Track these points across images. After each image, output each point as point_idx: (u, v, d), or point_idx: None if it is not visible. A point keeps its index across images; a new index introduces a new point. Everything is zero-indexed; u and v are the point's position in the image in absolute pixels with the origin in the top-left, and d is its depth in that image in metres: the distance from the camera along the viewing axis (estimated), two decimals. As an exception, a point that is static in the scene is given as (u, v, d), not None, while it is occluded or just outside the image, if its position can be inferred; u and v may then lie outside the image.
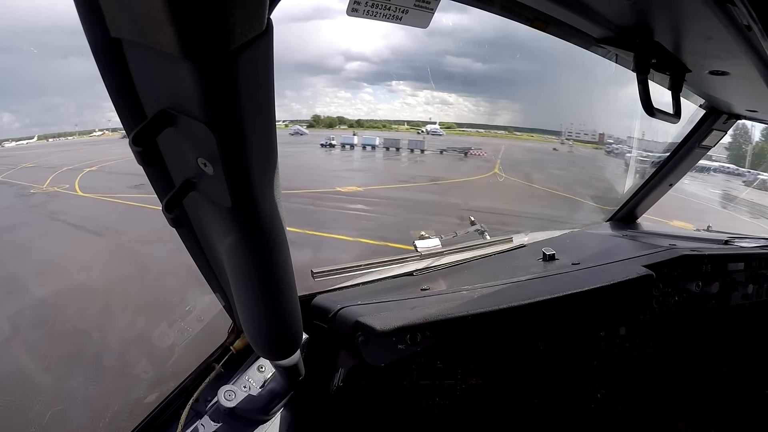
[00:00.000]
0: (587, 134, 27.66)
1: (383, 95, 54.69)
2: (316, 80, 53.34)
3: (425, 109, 19.53)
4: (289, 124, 37.29)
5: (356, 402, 1.35)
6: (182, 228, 0.87)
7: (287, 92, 50.67)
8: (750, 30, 0.96)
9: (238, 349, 1.29)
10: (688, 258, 1.80)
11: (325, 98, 50.40)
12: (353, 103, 49.77)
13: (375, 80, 52.57)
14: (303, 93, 50.74)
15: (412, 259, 1.85)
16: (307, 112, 45.11)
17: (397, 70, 48.40)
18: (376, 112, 48.36)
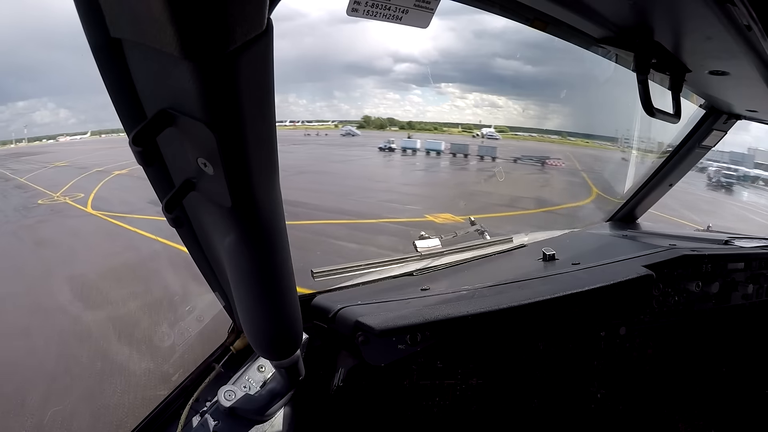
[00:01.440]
0: (644, 141, 26.53)
1: (432, 97, 54.44)
2: (364, 81, 53.29)
3: (474, 111, 18.75)
4: (339, 124, 37.10)
5: (356, 402, 1.35)
6: (182, 228, 0.87)
7: (336, 93, 50.68)
8: (750, 30, 0.96)
9: (238, 349, 1.29)
10: (688, 258, 1.80)
11: (373, 99, 50.35)
12: (402, 105, 49.65)
13: (424, 82, 52.40)
14: (352, 94, 50.74)
15: (412, 259, 1.85)
16: (356, 113, 45.05)
17: (446, 72, 48.25)
18: (425, 114, 47.93)
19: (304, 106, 64.12)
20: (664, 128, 1.63)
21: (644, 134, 8.09)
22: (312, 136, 35.89)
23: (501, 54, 39.26)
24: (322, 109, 57.44)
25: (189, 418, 1.15)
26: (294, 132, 42.18)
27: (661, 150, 2.46)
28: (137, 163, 0.60)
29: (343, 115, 47.25)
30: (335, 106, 48.94)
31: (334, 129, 36.24)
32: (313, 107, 62.59)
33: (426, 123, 36.87)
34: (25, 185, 15.77)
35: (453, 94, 47.28)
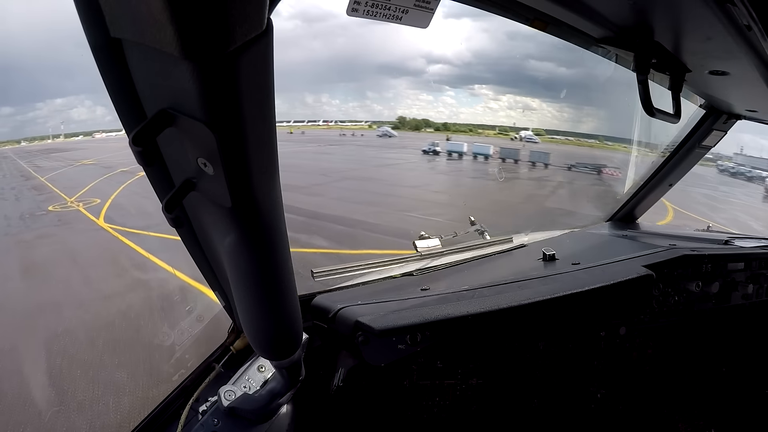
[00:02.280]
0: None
1: (465, 99, 54.31)
2: (397, 82, 53.14)
3: (508, 113, 18.27)
4: (373, 125, 36.83)
5: (356, 402, 1.35)
6: (182, 228, 0.87)
7: (369, 93, 50.57)
8: (750, 30, 0.96)
9: (238, 349, 1.29)
10: (688, 258, 1.80)
11: (406, 100, 50.24)
12: (435, 106, 49.56)
13: (457, 83, 52.14)
14: (385, 95, 50.68)
15: (412, 259, 1.85)
16: (389, 114, 44.89)
17: (479, 74, 47.85)
18: (458, 116, 47.60)
19: (337, 106, 63.81)
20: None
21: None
22: (347, 136, 35.53)
23: (535, 55, 38.88)
24: (354, 110, 57.30)
25: (189, 418, 1.15)
26: (328, 132, 41.92)
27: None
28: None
29: (375, 116, 47.00)
30: (368, 106, 48.79)
31: (368, 129, 36.05)
32: (345, 107, 62.35)
33: (461, 125, 36.56)
34: (43, 186, 15.21)
35: (486, 95, 47.00)
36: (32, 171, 19.11)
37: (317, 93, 58.40)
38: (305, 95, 62.99)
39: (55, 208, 11.78)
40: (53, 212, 11.41)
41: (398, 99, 50.34)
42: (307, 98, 62.84)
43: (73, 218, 10.83)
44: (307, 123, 48.49)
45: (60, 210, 11.67)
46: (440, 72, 55.07)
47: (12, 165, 22.76)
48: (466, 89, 53.45)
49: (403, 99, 50.61)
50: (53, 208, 11.78)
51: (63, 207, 12.00)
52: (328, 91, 61.50)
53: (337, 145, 29.41)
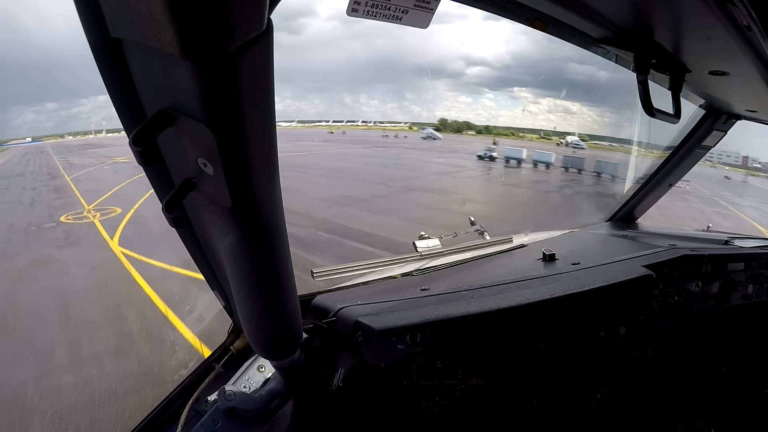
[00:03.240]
0: (729, 156, 22.56)
1: (504, 101, 54.09)
2: (436, 84, 53.10)
3: (547, 117, 17.31)
4: (413, 126, 36.37)
5: (356, 402, 1.35)
6: (182, 228, 0.87)
7: (407, 94, 50.38)
8: (750, 30, 0.96)
9: (238, 349, 1.29)
10: (688, 258, 1.80)
11: (445, 102, 50.02)
12: (474, 108, 49.29)
13: (496, 86, 51.73)
14: (423, 96, 50.54)
15: (412, 259, 1.85)
16: (427, 116, 44.65)
17: (519, 76, 47.46)
18: (497, 119, 47.16)
19: (375, 107, 63.45)
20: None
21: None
22: (390, 137, 35.30)
23: (575, 58, 38.73)
24: (393, 111, 56.96)
25: (189, 418, 1.15)
26: (368, 132, 41.61)
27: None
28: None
29: (414, 117, 46.61)
30: (406, 107, 48.61)
31: (408, 130, 35.71)
32: (384, 108, 62.05)
33: (502, 128, 35.95)
34: (64, 188, 14.55)
35: (526, 98, 46.73)
36: (61, 168, 18.85)
37: (356, 93, 58.08)
38: (344, 95, 62.65)
39: (68, 219, 10.65)
40: (64, 224, 10.22)
41: (437, 101, 50.24)
42: (345, 98, 62.52)
43: (84, 235, 9.25)
44: (346, 123, 48.59)
45: (72, 222, 10.50)
46: (479, 74, 54.79)
47: (45, 161, 22.46)
48: (505, 92, 53.20)
49: (442, 101, 50.50)
50: (65, 219, 10.71)
51: (77, 217, 10.84)
52: (366, 91, 61.18)
53: (383, 147, 28.51)
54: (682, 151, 2.31)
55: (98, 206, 11.80)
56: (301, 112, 73.74)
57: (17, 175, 19.51)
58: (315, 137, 38.09)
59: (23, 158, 25.52)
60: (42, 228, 10.05)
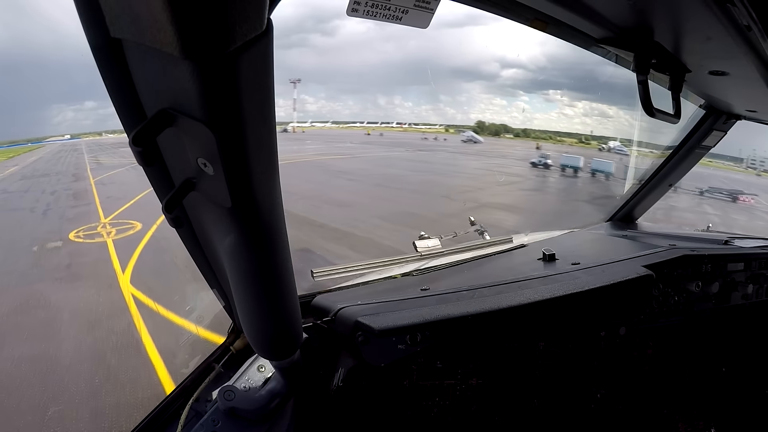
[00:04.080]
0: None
1: (539, 104, 53.44)
2: (471, 86, 52.66)
3: (583, 121, 16.04)
4: (450, 128, 35.87)
5: (356, 402, 1.35)
6: (182, 228, 0.87)
7: (441, 96, 50.29)
8: (750, 30, 0.96)
9: (238, 349, 1.29)
10: (688, 258, 1.80)
11: (479, 104, 49.42)
12: (508, 111, 48.69)
13: (531, 88, 50.97)
14: (458, 98, 50.17)
15: (412, 259, 1.85)
16: (462, 118, 44.17)
17: (554, 79, 46.79)
18: (532, 122, 46.59)
19: (410, 109, 63.10)
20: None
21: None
22: (429, 140, 34.84)
23: (611, 61, 37.95)
24: (427, 113, 56.59)
25: (189, 418, 1.15)
26: (405, 134, 41.05)
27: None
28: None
29: (448, 119, 46.15)
30: (440, 109, 48.36)
31: (445, 132, 35.37)
32: (418, 110, 61.71)
33: (539, 131, 34.90)
34: (85, 193, 13.71)
35: (561, 101, 45.98)
36: (89, 168, 18.54)
37: (390, 95, 57.69)
38: (378, 97, 62.34)
39: (77, 237, 9.21)
40: (72, 244, 8.74)
41: (471, 103, 49.75)
42: (379, 100, 62.29)
43: (91, 264, 7.56)
44: (380, 124, 48.51)
45: (82, 240, 9.01)
46: (514, 76, 54.34)
47: (75, 160, 22.25)
48: (540, 94, 52.70)
49: (477, 103, 50.02)
50: (75, 237, 9.25)
51: (89, 234, 9.41)
52: (400, 93, 60.76)
53: (428, 151, 27.38)
54: (682, 151, 2.31)
55: (116, 219, 10.49)
56: (335, 113, 73.15)
57: (41, 175, 19.29)
58: (352, 138, 37.24)
59: (55, 156, 25.30)
60: (45, 249, 8.48)
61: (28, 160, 26.68)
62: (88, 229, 9.87)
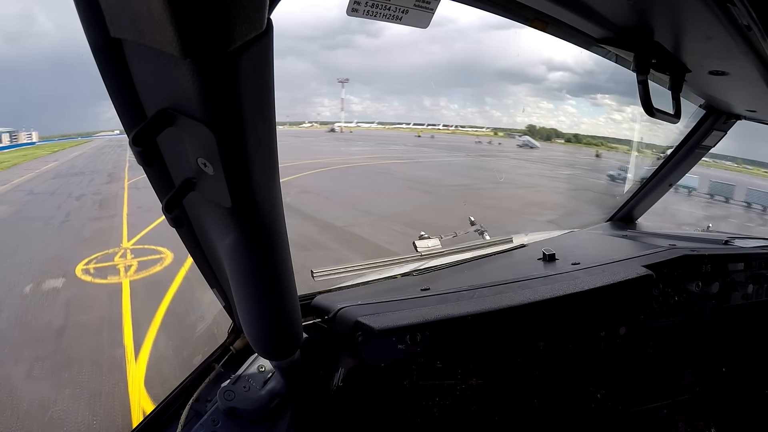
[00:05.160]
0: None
1: (587, 108, 52.50)
2: (517, 89, 52.21)
3: (631, 126, 14.45)
4: (498, 132, 35.21)
5: (356, 402, 1.35)
6: (182, 228, 0.87)
7: (487, 99, 49.77)
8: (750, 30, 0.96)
9: (238, 349, 1.29)
10: (688, 258, 1.80)
11: (526, 108, 48.57)
12: (555, 115, 47.79)
13: (578, 92, 50.06)
14: (504, 101, 49.69)
15: (412, 259, 1.85)
16: (508, 121, 43.60)
17: (602, 83, 46.06)
18: (579, 126, 45.39)
19: (455, 111, 62.56)
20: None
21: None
22: (483, 143, 34.01)
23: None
24: (473, 115, 55.90)
25: (189, 418, 1.15)
26: (454, 137, 40.09)
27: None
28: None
29: (494, 122, 45.53)
30: (486, 112, 47.83)
31: (494, 136, 34.81)
32: (464, 112, 61.19)
33: (591, 137, 33.25)
34: (114, 200, 11.78)
35: (609, 106, 45.10)
36: (127, 168, 17.65)
37: (436, 96, 57.20)
38: (423, 98, 61.96)
39: (86, 273, 6.96)
40: (77, 284, 6.60)
41: (518, 106, 49.07)
42: (425, 101, 61.97)
43: (92, 333, 5.14)
44: (426, 126, 48.43)
45: (90, 279, 6.76)
46: (561, 79, 53.64)
47: (116, 157, 21.52)
48: (587, 98, 51.80)
49: (523, 106, 49.33)
50: (83, 271, 6.97)
51: (101, 269, 7.09)
52: (446, 95, 60.26)
53: (489, 157, 25.46)
54: (682, 151, 2.31)
55: (141, 243, 8.18)
56: (380, 114, 72.61)
57: (76, 173, 18.58)
58: (403, 140, 35.85)
59: (97, 152, 24.90)
60: (39, 291, 6.32)
61: (70, 155, 26.16)
62: (103, 258, 7.55)
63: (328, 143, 33.00)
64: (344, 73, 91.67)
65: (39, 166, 22.52)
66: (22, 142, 37.03)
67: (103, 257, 7.78)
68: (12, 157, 28.68)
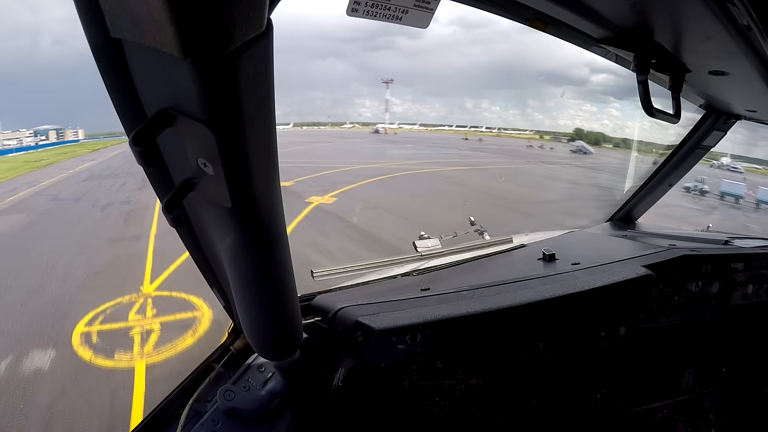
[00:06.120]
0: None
1: (631, 111, 51.39)
2: (559, 91, 51.52)
3: (678, 132, 13.06)
4: (543, 135, 34.66)
5: (356, 402, 1.35)
6: (182, 228, 0.87)
7: (529, 101, 49.30)
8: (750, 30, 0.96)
9: (238, 349, 1.29)
10: (688, 258, 1.80)
11: (568, 110, 48.03)
12: (599, 118, 46.84)
13: (623, 95, 49.15)
14: (546, 103, 49.15)
15: (412, 259, 1.85)
16: (550, 123, 43.07)
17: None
18: (623, 130, 44.18)
19: (497, 113, 61.86)
20: None
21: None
22: (534, 147, 33.35)
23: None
24: (514, 117, 55.09)
25: (189, 418, 1.15)
26: (499, 139, 39.24)
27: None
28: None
29: (536, 125, 44.82)
30: (528, 114, 47.26)
31: (539, 140, 34.28)
32: (506, 115, 60.57)
33: (641, 143, 33.04)
34: (141, 214, 9.78)
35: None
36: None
37: (477, 98, 56.56)
38: (465, 100, 61.52)
39: (86, 340, 4.98)
40: (68, 361, 4.63)
41: (560, 108, 48.44)
42: (466, 103, 61.60)
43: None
44: (469, 128, 48.17)
45: (89, 356, 4.74)
46: (605, 82, 52.87)
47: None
48: (632, 101, 51.22)
49: (566, 109, 48.79)
50: (84, 332, 5.07)
51: (109, 333, 5.07)
52: (488, 97, 59.65)
53: (555, 165, 23.13)
54: (682, 151, 2.31)
55: (167, 288, 5.99)
56: (421, 116, 71.71)
57: (110, 175, 17.76)
58: (452, 144, 34.05)
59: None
60: (18, 372, 4.41)
61: (109, 154, 25.80)
62: (114, 314, 5.34)
63: (376, 145, 31.30)
64: (385, 74, 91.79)
65: (75, 165, 22.00)
66: (68, 139, 38.23)
67: (113, 312, 5.48)
68: (52, 154, 28.79)
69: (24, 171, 21.27)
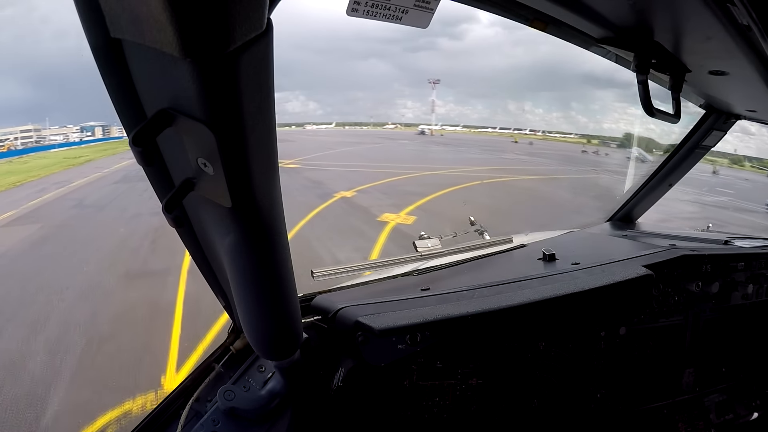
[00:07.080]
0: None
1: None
2: (603, 94, 50.97)
3: (735, 137, 12.09)
4: (590, 139, 34.38)
5: (356, 402, 1.35)
6: (182, 228, 0.87)
7: (573, 104, 48.75)
8: (750, 30, 0.96)
9: (238, 349, 1.29)
10: (688, 258, 1.80)
11: (613, 114, 47.40)
12: (644, 122, 46.92)
13: (668, 98, 49.32)
14: (590, 106, 48.47)
15: (412, 259, 1.84)
16: (594, 127, 42.69)
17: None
18: (670, 136, 44.12)
19: (540, 116, 61.13)
20: None
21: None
22: (589, 153, 32.98)
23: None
24: (558, 120, 54.42)
25: (189, 418, 1.15)
26: (544, 143, 38.38)
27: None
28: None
29: (580, 128, 44.40)
30: (572, 117, 46.81)
31: (588, 144, 34.00)
32: (549, 117, 59.90)
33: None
34: (170, 234, 3.09)
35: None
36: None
37: (520, 101, 55.91)
38: (507, 102, 60.89)
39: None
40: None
41: (604, 112, 47.88)
42: (509, 105, 61.07)
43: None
44: (513, 131, 47.86)
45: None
46: (650, 85, 52.88)
47: None
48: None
49: (610, 112, 48.24)
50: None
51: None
52: (530, 99, 58.91)
53: (618, 174, 19.59)
54: (682, 151, 2.31)
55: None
56: (463, 117, 70.76)
57: (144, 177, 15.75)
58: (504, 147, 32.49)
59: None
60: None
61: None
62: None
63: (426, 147, 29.63)
64: (427, 75, 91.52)
65: (112, 163, 20.92)
66: (114, 135, 38.94)
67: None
68: (93, 151, 28.60)
69: (59, 168, 20.87)
